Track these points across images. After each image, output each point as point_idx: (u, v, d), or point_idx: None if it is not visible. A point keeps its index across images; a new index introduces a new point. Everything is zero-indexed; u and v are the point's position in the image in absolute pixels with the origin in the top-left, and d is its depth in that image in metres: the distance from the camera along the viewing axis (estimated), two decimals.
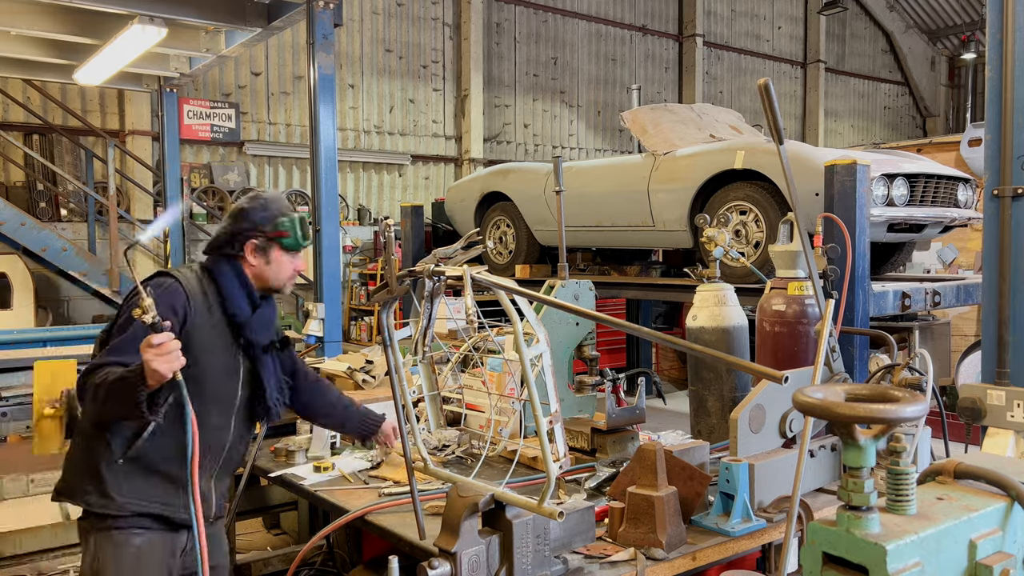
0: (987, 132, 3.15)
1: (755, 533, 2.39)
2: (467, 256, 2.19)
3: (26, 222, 8.26)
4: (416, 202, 9.71)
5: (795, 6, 17.67)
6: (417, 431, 2.33)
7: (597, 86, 14.64)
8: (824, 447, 2.76)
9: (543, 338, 1.98)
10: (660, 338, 1.92)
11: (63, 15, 6.01)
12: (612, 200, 5.87)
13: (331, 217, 5.44)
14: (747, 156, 4.88)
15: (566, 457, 1.95)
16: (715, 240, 3.50)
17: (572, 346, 3.40)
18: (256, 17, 6.00)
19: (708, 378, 3.44)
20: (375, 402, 3.30)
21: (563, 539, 2.12)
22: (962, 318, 7.84)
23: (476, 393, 3.02)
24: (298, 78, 11.47)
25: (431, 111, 12.82)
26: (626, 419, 3.01)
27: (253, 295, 2.45)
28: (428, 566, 1.88)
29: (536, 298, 2.01)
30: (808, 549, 1.39)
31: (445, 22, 12.89)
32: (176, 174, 8.13)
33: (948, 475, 1.57)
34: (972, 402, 3.12)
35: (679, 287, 5.59)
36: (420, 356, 2.26)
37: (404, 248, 7.56)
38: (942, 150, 8.70)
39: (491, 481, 2.15)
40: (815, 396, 1.37)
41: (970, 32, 18.99)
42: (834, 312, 2.64)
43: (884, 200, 4.62)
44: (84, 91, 9.95)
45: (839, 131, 18.49)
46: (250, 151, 11.11)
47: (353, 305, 11.21)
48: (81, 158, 9.81)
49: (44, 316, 9.04)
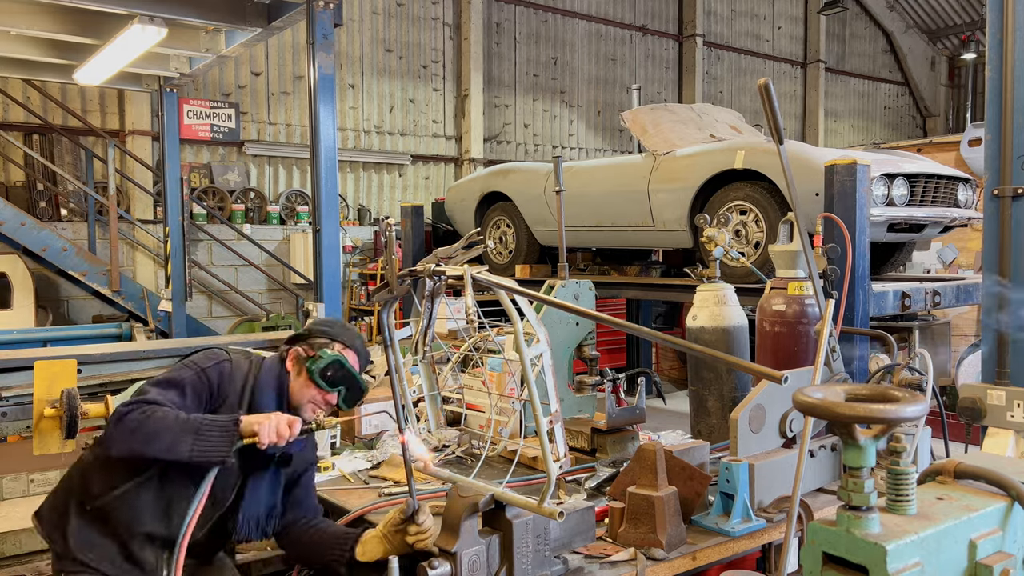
0: (987, 132, 3.15)
1: (755, 533, 2.39)
2: (467, 256, 2.18)
3: (26, 222, 8.26)
4: (416, 202, 9.71)
5: (795, 6, 17.66)
6: (417, 431, 2.33)
7: (597, 86, 14.64)
8: (824, 447, 2.76)
9: (543, 338, 1.98)
10: (660, 338, 1.92)
11: (63, 15, 6.01)
12: (612, 200, 5.87)
13: (331, 217, 5.43)
14: (747, 156, 4.89)
15: (566, 457, 1.95)
16: (715, 240, 3.50)
17: (572, 346, 3.40)
18: (256, 17, 6.00)
19: (708, 378, 3.45)
20: (375, 402, 3.30)
21: (563, 539, 2.12)
22: (962, 318, 7.84)
23: (476, 393, 3.02)
24: (298, 78, 11.47)
25: (431, 111, 12.81)
26: (626, 419, 3.01)
27: (283, 399, 2.34)
28: (428, 566, 1.88)
29: (536, 298, 2.01)
30: (808, 549, 1.39)
31: (445, 22, 12.89)
32: (176, 174, 8.12)
33: (948, 475, 1.57)
34: (972, 402, 3.12)
35: (679, 287, 5.60)
36: (420, 356, 2.26)
37: (404, 248, 7.56)
38: (942, 150, 8.70)
39: (491, 481, 2.15)
40: (815, 396, 1.37)
41: (970, 32, 18.98)
42: (834, 312, 2.64)
43: (884, 200, 4.62)
44: (84, 91, 9.94)
45: (839, 131, 18.49)
46: (250, 151, 11.10)
47: (353, 305, 11.21)
48: (81, 158, 9.80)
49: (44, 316, 9.04)
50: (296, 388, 2.34)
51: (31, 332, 7.13)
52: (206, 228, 10.26)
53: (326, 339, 2.36)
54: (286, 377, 2.35)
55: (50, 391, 3.42)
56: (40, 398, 3.42)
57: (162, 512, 2.22)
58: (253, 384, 2.31)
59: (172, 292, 8.17)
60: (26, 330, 7.24)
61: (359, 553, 2.18)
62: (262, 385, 2.31)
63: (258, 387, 2.31)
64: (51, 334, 7.11)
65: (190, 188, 9.52)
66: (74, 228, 9.51)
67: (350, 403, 2.38)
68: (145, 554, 2.22)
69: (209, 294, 10.41)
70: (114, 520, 2.21)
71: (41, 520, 2.33)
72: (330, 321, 2.47)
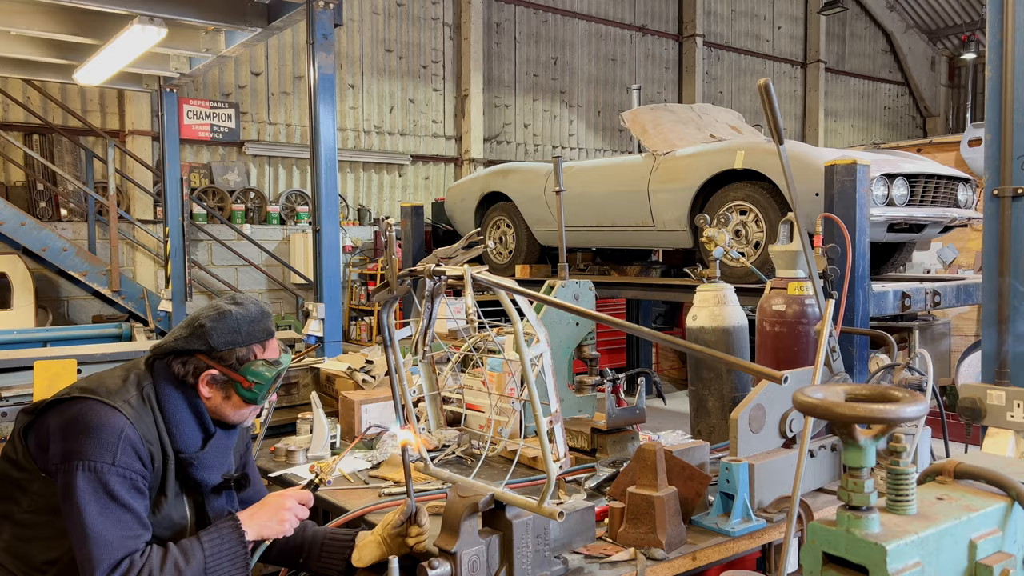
0: (987, 132, 3.15)
1: (755, 533, 2.39)
2: (467, 256, 2.18)
3: (26, 222, 8.26)
4: (416, 202, 9.72)
5: (795, 6, 17.67)
6: (417, 431, 2.33)
7: (597, 86, 14.64)
8: (824, 447, 2.76)
9: (543, 338, 1.98)
10: (660, 338, 1.91)
11: (63, 15, 6.01)
12: (612, 200, 5.87)
13: (331, 217, 5.43)
14: (747, 156, 4.89)
15: (566, 457, 1.95)
16: (715, 240, 3.50)
17: (572, 346, 3.40)
18: (256, 17, 6.00)
19: (708, 378, 3.44)
20: (375, 402, 3.30)
21: (563, 539, 2.12)
22: (962, 318, 7.85)
23: (476, 393, 3.01)
24: (298, 78, 11.47)
25: (431, 111, 12.82)
26: (626, 419, 3.01)
27: (206, 424, 2.00)
28: (428, 566, 1.88)
29: (536, 298, 2.01)
30: (808, 549, 1.39)
31: (445, 22, 12.89)
32: (176, 174, 8.12)
33: (948, 475, 1.57)
34: (972, 402, 3.12)
35: (679, 287, 5.60)
36: (420, 356, 2.26)
37: (404, 248, 7.56)
38: (942, 150, 8.70)
39: (491, 481, 2.15)
40: (815, 396, 1.37)
41: (970, 32, 18.99)
42: (834, 312, 2.64)
43: (884, 200, 4.62)
44: (84, 91, 9.95)
45: (839, 131, 18.50)
46: (250, 151, 11.11)
47: (353, 305, 11.21)
48: (81, 158, 9.81)
49: (44, 316, 9.05)
50: (224, 410, 2.02)
51: (31, 332, 7.13)
52: (206, 228, 10.26)
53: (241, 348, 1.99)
54: (199, 402, 1.99)
55: (50, 391, 3.41)
56: (40, 398, 3.41)
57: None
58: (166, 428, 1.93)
59: (172, 292, 8.17)
60: (26, 330, 7.24)
61: (355, 559, 2.09)
62: (176, 423, 1.94)
63: (172, 428, 1.94)
64: (51, 334, 7.11)
65: (190, 188, 9.52)
66: (74, 228, 9.52)
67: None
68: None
69: (209, 294, 10.42)
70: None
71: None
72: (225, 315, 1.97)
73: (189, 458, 1.95)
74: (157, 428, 1.91)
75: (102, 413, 1.83)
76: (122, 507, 1.78)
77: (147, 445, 1.86)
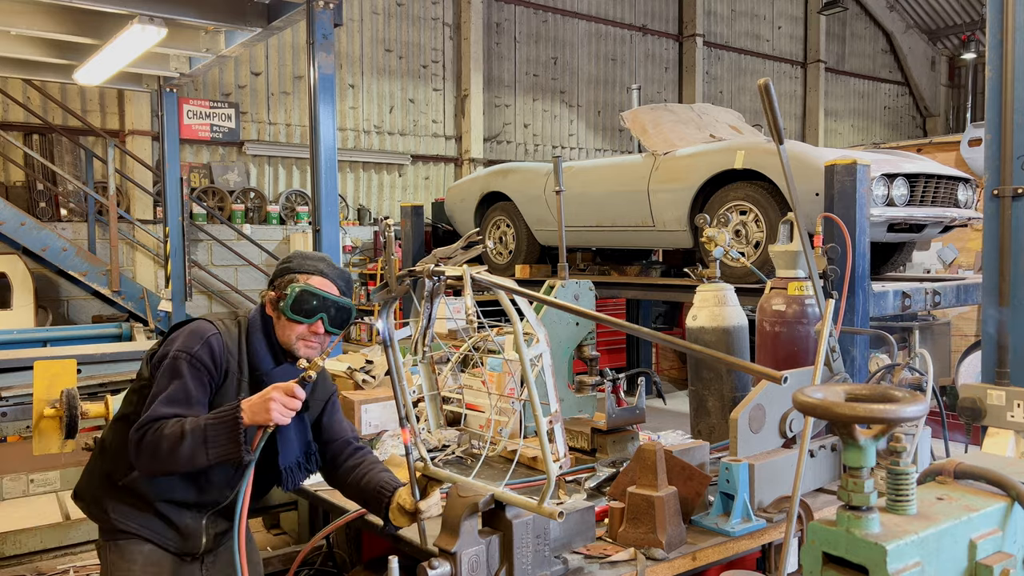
0: (987, 132, 3.15)
1: (755, 533, 2.39)
2: (467, 256, 2.19)
3: (26, 222, 8.26)
4: (416, 202, 9.71)
5: (795, 6, 17.66)
6: (417, 431, 2.33)
7: (597, 86, 14.64)
8: (824, 447, 2.76)
9: (543, 338, 1.98)
10: (660, 338, 1.92)
11: (63, 15, 6.01)
12: (612, 200, 5.87)
13: (331, 217, 5.43)
14: (747, 156, 4.89)
15: (566, 457, 1.95)
16: (715, 240, 3.50)
17: (572, 346, 3.40)
18: (256, 17, 6.00)
19: (708, 378, 3.44)
20: (375, 402, 3.30)
21: (563, 539, 2.12)
22: (962, 318, 7.85)
23: (476, 393, 3.01)
24: (298, 78, 11.47)
25: (431, 111, 12.81)
26: (626, 419, 3.01)
27: (277, 349, 2.37)
28: (428, 566, 1.88)
29: (536, 298, 2.01)
30: (808, 549, 1.39)
31: (445, 22, 12.89)
32: (176, 174, 8.12)
33: (948, 475, 1.57)
34: (972, 402, 3.12)
35: (679, 287, 5.60)
36: (420, 356, 2.26)
37: (404, 248, 7.56)
38: (942, 150, 8.70)
39: (491, 481, 2.15)
40: (815, 396, 1.37)
41: (970, 32, 18.99)
42: (834, 312, 2.64)
43: (884, 200, 4.62)
44: (84, 91, 9.94)
45: (839, 131, 18.49)
46: (250, 151, 11.10)
47: None
48: (81, 158, 9.80)
49: (44, 316, 9.04)
50: (281, 331, 2.34)
51: (31, 332, 7.13)
52: (206, 228, 10.26)
53: (289, 275, 2.35)
54: (271, 324, 2.36)
55: (50, 391, 3.42)
56: (40, 398, 3.42)
57: (190, 482, 2.31)
58: (246, 345, 2.34)
59: (172, 292, 8.17)
60: (26, 330, 7.23)
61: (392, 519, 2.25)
62: (253, 343, 2.34)
63: (250, 346, 2.34)
64: (51, 334, 7.11)
65: (190, 188, 9.53)
66: (74, 228, 9.51)
67: (339, 324, 2.35)
68: (183, 519, 2.34)
69: (209, 294, 10.41)
70: (144, 493, 2.30)
71: (80, 500, 2.43)
72: (292, 254, 2.41)
73: (261, 375, 2.32)
74: (239, 346, 2.33)
75: (202, 324, 2.32)
76: (183, 387, 2.19)
77: (226, 354, 2.28)
